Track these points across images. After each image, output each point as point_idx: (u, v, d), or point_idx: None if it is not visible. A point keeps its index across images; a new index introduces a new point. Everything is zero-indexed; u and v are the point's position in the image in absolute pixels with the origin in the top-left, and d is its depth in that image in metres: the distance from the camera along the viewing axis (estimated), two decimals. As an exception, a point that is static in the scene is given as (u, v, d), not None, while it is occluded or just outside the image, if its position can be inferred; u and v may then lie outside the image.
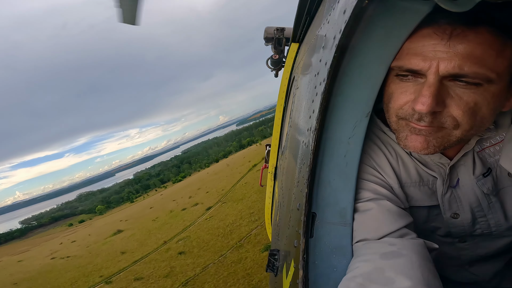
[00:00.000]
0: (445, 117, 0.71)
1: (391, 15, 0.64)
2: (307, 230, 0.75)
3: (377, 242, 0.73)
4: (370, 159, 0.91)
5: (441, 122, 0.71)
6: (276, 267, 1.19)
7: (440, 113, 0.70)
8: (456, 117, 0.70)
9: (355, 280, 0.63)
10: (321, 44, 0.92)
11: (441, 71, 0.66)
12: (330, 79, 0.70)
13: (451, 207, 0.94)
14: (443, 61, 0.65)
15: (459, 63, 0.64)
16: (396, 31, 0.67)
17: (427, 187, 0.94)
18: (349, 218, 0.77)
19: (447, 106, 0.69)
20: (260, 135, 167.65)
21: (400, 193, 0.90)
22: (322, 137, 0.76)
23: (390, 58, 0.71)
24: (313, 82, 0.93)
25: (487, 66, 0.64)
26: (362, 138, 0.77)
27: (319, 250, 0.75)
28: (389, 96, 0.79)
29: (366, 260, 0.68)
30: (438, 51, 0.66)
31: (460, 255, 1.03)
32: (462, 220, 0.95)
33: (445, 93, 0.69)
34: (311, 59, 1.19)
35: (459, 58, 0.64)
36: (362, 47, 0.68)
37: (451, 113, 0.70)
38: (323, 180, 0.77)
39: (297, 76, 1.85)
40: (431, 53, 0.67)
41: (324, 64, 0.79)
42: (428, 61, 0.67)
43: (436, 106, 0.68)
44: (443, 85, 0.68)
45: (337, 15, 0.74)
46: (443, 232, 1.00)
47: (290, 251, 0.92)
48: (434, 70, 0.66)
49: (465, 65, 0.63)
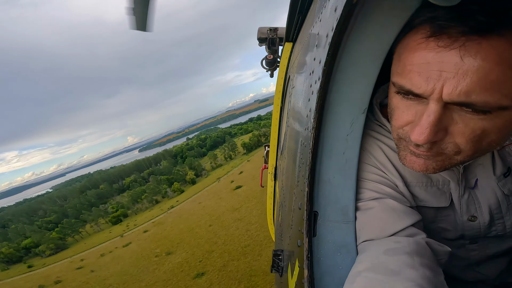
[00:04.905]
0: (446, 143, 0.64)
1: (382, 10, 0.64)
2: (309, 229, 0.75)
3: (382, 240, 0.70)
4: (372, 158, 0.87)
5: (441, 148, 0.65)
6: (281, 267, 1.19)
7: (440, 140, 0.64)
8: (459, 145, 0.63)
9: (360, 274, 0.62)
10: (314, 43, 0.93)
11: (445, 98, 0.56)
12: (325, 77, 0.70)
13: (469, 209, 0.88)
14: (448, 85, 0.55)
15: (466, 88, 0.53)
16: (388, 26, 0.67)
17: (436, 188, 0.87)
18: (352, 215, 0.77)
19: (449, 134, 0.62)
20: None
21: (405, 191, 0.85)
22: (320, 136, 0.76)
23: (383, 53, 0.71)
24: (308, 80, 0.93)
25: (502, 91, 0.53)
26: (360, 135, 0.77)
27: (323, 248, 0.75)
28: (391, 111, 0.73)
29: (369, 255, 0.67)
30: (444, 72, 0.55)
31: (469, 256, 0.98)
32: (479, 223, 0.89)
33: (448, 119, 0.61)
34: (305, 58, 1.20)
35: (468, 82, 0.53)
36: (355, 44, 0.68)
37: (453, 140, 0.63)
38: (323, 178, 0.77)
39: (292, 76, 1.85)
40: (435, 73, 0.56)
41: (318, 62, 0.79)
42: (431, 83, 0.57)
43: (435, 136, 0.61)
44: (447, 109, 0.59)
45: (329, 13, 0.74)
46: (453, 234, 0.94)
47: (294, 251, 0.92)
48: (437, 96, 0.57)
49: (473, 92, 0.53)
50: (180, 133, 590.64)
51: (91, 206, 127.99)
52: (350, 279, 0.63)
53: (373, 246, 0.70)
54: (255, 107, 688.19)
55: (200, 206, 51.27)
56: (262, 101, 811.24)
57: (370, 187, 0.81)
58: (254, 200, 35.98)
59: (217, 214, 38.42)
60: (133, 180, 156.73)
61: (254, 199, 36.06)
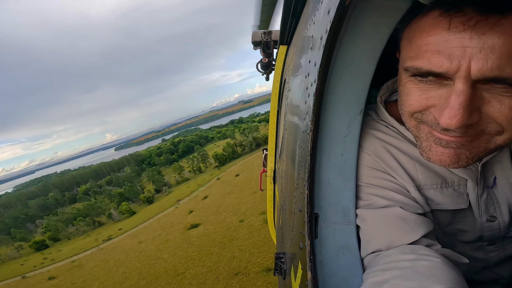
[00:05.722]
0: (486, 123, 0.57)
1: (374, 11, 0.65)
2: (311, 231, 0.74)
3: (393, 250, 0.66)
4: (379, 162, 0.80)
5: (480, 129, 0.58)
6: (283, 270, 1.18)
7: (476, 123, 0.57)
8: (501, 123, 0.56)
9: (388, 282, 0.56)
10: (309, 45, 0.93)
11: (474, 74, 0.51)
12: (320, 79, 0.71)
13: (488, 210, 0.82)
14: (476, 60, 0.50)
15: (498, 62, 0.49)
16: (381, 26, 0.68)
17: (451, 189, 0.80)
18: (352, 216, 0.77)
19: (485, 114, 0.56)
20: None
21: (418, 196, 0.78)
22: (318, 138, 0.77)
23: (378, 53, 0.71)
24: (304, 83, 0.94)
25: None
26: (357, 136, 0.78)
27: (325, 250, 0.75)
28: (405, 96, 0.65)
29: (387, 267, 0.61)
30: (468, 47, 0.50)
31: (488, 257, 0.92)
32: (499, 223, 0.83)
33: (480, 99, 0.55)
34: (300, 60, 1.20)
35: (498, 55, 0.49)
36: (349, 45, 0.69)
37: (493, 120, 0.56)
38: (323, 180, 0.77)
39: (288, 78, 1.86)
40: (458, 50, 0.51)
41: (313, 64, 0.80)
42: (455, 60, 0.51)
43: (469, 119, 0.54)
44: (476, 89, 0.54)
45: (322, 16, 0.75)
46: (471, 236, 0.88)
47: (296, 253, 0.92)
48: (465, 73, 0.51)
49: (507, 66, 0.49)
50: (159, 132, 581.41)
51: (30, 220, 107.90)
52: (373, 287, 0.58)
53: (386, 258, 0.65)
54: (238, 108, 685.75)
55: (138, 249, 41.51)
56: (247, 102, 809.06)
57: (379, 193, 0.77)
58: (208, 258, 26.42)
59: (151, 276, 28.31)
60: (88, 189, 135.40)
61: (209, 257, 26.51)
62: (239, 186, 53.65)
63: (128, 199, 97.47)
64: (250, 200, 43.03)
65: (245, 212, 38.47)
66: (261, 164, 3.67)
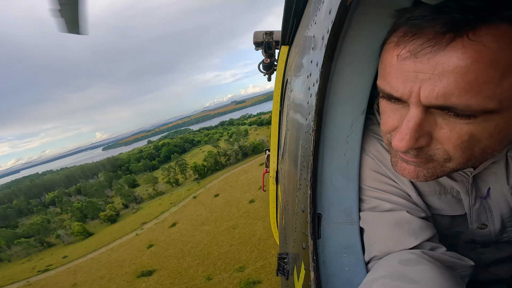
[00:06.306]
0: (433, 150, 0.60)
1: (376, 11, 0.65)
2: (314, 231, 0.74)
3: (395, 254, 0.67)
4: (382, 166, 0.81)
5: (429, 155, 0.61)
6: (286, 271, 1.18)
7: (426, 146, 0.59)
8: (447, 151, 0.58)
9: (377, 281, 0.59)
10: (311, 45, 0.93)
11: (423, 101, 0.52)
12: (323, 80, 0.71)
13: (480, 218, 0.84)
14: (425, 87, 0.51)
15: (444, 91, 0.48)
16: (383, 26, 0.67)
17: (450, 195, 0.83)
18: (355, 216, 0.77)
19: (435, 139, 0.58)
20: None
21: (419, 201, 0.80)
22: (320, 138, 0.76)
23: (379, 54, 0.71)
24: (306, 83, 0.94)
25: (485, 93, 0.47)
26: (360, 136, 0.78)
27: (328, 250, 0.75)
28: (382, 114, 0.68)
29: (385, 265, 0.64)
30: (420, 73, 0.51)
31: (481, 258, 0.94)
32: (490, 231, 0.85)
33: (431, 124, 0.56)
34: (302, 60, 1.20)
35: (445, 84, 0.48)
36: (351, 45, 0.69)
37: (441, 146, 0.58)
38: (326, 180, 0.77)
39: (290, 79, 1.86)
40: (412, 75, 0.52)
41: (315, 65, 0.80)
42: (408, 85, 0.53)
43: (416, 143, 0.57)
44: (429, 113, 0.55)
45: (323, 16, 0.75)
46: (466, 238, 0.90)
47: (299, 254, 0.91)
48: (415, 99, 0.53)
49: (452, 95, 0.48)
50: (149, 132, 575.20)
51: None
52: (366, 285, 0.61)
53: (388, 258, 0.67)
54: (230, 108, 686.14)
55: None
56: (239, 103, 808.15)
57: (383, 197, 0.78)
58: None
59: None
60: (56, 196, 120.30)
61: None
62: (216, 215, 49.20)
63: (86, 216, 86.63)
64: (226, 240, 37.77)
65: (216, 263, 33.35)
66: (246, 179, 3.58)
